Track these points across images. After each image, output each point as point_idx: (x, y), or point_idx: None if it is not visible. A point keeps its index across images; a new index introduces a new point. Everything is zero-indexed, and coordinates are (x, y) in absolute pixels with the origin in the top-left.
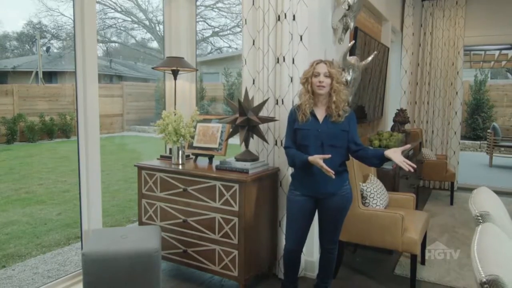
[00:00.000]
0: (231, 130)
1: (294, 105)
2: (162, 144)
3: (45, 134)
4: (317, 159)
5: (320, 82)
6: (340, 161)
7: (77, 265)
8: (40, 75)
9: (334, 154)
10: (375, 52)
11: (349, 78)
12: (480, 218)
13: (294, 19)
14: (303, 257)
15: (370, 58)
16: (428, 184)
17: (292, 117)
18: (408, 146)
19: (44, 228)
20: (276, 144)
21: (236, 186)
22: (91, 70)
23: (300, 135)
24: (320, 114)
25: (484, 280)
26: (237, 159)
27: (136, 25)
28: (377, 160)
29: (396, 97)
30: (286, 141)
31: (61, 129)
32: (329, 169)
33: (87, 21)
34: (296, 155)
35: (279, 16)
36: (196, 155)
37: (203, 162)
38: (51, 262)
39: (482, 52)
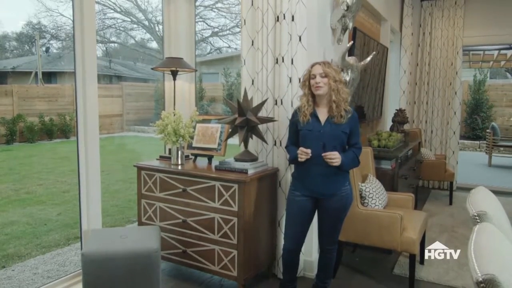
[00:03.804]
0: (230, 130)
1: (297, 106)
2: (162, 144)
3: (45, 134)
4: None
5: (317, 83)
6: None
7: (77, 265)
8: (40, 75)
9: None
10: (374, 52)
11: (348, 78)
12: (477, 217)
13: (293, 19)
14: (302, 257)
15: (369, 58)
16: (427, 184)
17: (294, 119)
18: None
19: (44, 228)
20: (275, 144)
21: (235, 186)
22: (90, 70)
23: (303, 136)
24: (322, 115)
25: (480, 279)
26: (236, 160)
27: (135, 26)
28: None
29: (395, 97)
30: (287, 141)
31: (61, 129)
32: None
33: (87, 22)
34: (290, 150)
35: (278, 17)
36: (196, 156)
37: (202, 162)
38: (50, 263)
39: (481, 52)
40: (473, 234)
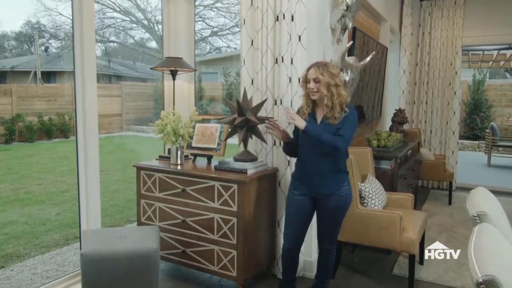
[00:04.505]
0: (229, 130)
1: (299, 105)
2: (161, 144)
3: (44, 134)
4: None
5: (311, 88)
6: (337, 162)
7: (76, 265)
8: (39, 75)
9: (331, 155)
10: (374, 52)
11: (347, 78)
12: (477, 218)
13: (292, 19)
14: (302, 257)
15: (368, 58)
16: (426, 184)
17: None
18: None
19: (43, 228)
20: (274, 144)
21: (235, 186)
22: (89, 70)
23: (301, 135)
24: (320, 115)
25: (481, 280)
26: (236, 160)
27: (134, 25)
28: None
29: (394, 97)
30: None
31: (60, 129)
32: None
33: (86, 21)
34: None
35: (277, 17)
36: (195, 156)
37: (201, 162)
38: (49, 263)
39: (481, 52)
40: (473, 234)
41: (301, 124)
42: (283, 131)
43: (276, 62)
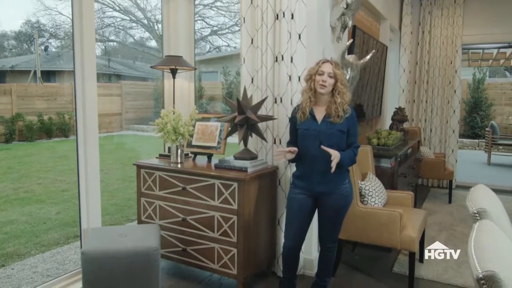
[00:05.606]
0: (229, 128)
1: (296, 104)
2: (161, 143)
3: (44, 133)
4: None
5: (323, 81)
6: None
7: (77, 264)
8: (39, 74)
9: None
10: (374, 51)
11: (347, 76)
12: (477, 215)
13: (292, 17)
14: (302, 255)
15: (368, 57)
16: (426, 182)
17: (292, 116)
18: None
19: (43, 227)
20: (274, 142)
21: (235, 184)
22: (89, 69)
23: (300, 135)
24: (319, 114)
25: (481, 276)
26: (236, 158)
27: (134, 24)
28: None
29: (394, 96)
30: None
31: (60, 128)
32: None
33: (86, 20)
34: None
35: (277, 15)
36: (195, 154)
37: (202, 160)
38: (50, 261)
39: (481, 51)
40: (473, 231)
41: (338, 159)
42: (289, 151)
43: (276, 61)
